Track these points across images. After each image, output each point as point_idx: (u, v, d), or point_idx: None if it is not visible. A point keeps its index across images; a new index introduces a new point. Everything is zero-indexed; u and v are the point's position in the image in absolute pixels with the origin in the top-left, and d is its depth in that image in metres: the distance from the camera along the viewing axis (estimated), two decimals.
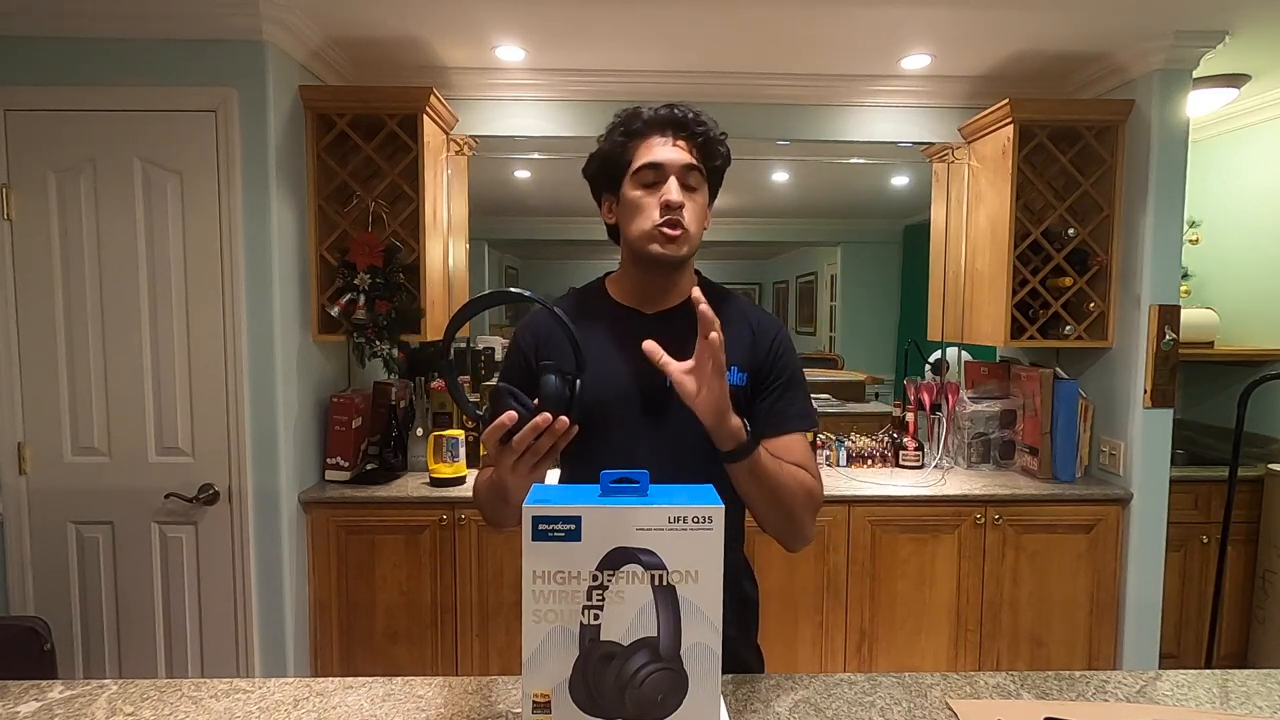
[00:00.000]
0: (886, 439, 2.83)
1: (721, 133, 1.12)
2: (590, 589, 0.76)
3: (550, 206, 4.78)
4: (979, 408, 2.75)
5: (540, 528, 0.75)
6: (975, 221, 2.73)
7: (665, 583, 0.76)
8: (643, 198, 1.08)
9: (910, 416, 2.80)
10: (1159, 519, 2.43)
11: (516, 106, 2.74)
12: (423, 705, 1.01)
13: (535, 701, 0.77)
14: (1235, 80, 2.65)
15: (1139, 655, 2.45)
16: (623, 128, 1.10)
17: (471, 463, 2.58)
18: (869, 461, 2.79)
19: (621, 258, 1.18)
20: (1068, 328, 2.51)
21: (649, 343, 0.93)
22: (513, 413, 0.87)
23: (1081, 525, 2.44)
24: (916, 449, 2.76)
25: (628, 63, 2.59)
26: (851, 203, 4.93)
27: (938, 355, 2.98)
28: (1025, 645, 2.46)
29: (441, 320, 2.58)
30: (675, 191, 1.06)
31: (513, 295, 0.95)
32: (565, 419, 0.88)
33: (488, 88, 2.71)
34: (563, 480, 1.16)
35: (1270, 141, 2.94)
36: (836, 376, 4.60)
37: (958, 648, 2.46)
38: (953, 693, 1.05)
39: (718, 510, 0.77)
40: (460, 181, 2.73)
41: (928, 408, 2.81)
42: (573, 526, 0.76)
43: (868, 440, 2.84)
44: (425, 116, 2.37)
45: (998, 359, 2.98)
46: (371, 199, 2.41)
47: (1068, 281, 2.50)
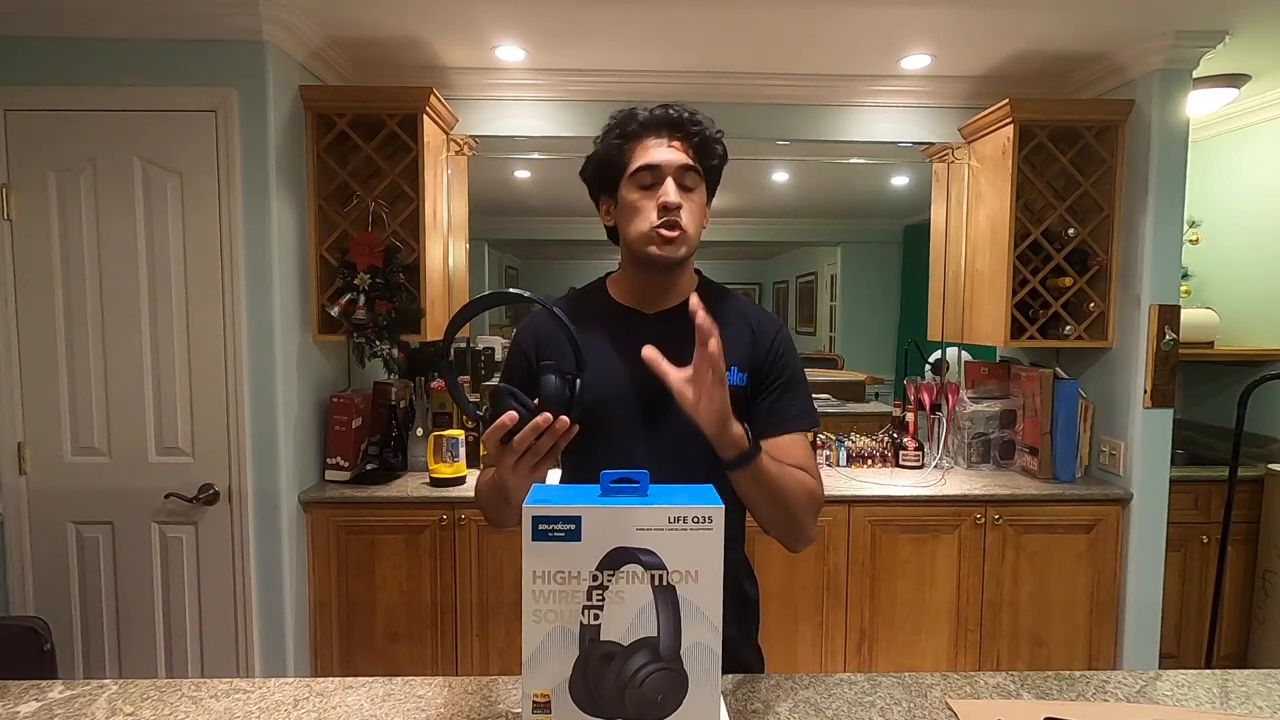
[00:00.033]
0: (886, 439, 2.83)
1: (718, 131, 1.12)
2: (590, 589, 0.76)
3: (550, 206, 4.78)
4: (979, 408, 2.75)
5: (540, 528, 0.75)
6: (975, 221, 2.73)
7: (665, 583, 0.76)
8: (640, 199, 1.08)
9: (910, 416, 2.80)
10: (1159, 519, 2.44)
11: (516, 106, 2.74)
12: (423, 705, 1.01)
13: (535, 701, 0.77)
14: (1235, 80, 2.65)
15: (1139, 655, 2.45)
16: (618, 130, 1.10)
17: (471, 463, 2.58)
18: (869, 461, 2.79)
19: (621, 258, 1.18)
20: (1068, 328, 2.51)
21: (648, 350, 0.93)
22: (513, 413, 0.87)
23: (1081, 525, 2.44)
24: (916, 449, 2.76)
25: (628, 63, 2.59)
26: (851, 203, 4.93)
27: (938, 355, 2.98)
28: (1025, 645, 2.46)
29: (441, 320, 2.58)
30: (672, 193, 1.06)
31: (512, 296, 0.95)
32: (566, 419, 0.89)
33: (488, 88, 2.71)
34: (563, 480, 1.17)
35: (1270, 141, 2.95)
36: (836, 376, 4.61)
37: (958, 648, 2.46)
38: (953, 693, 1.05)
39: (718, 510, 0.77)
40: (460, 181, 2.73)
41: (928, 408, 2.81)
42: (573, 526, 0.76)
43: (868, 440, 2.84)
44: (425, 116, 2.37)
45: (998, 359, 2.98)
46: (371, 199, 2.41)
47: (1068, 281, 2.49)
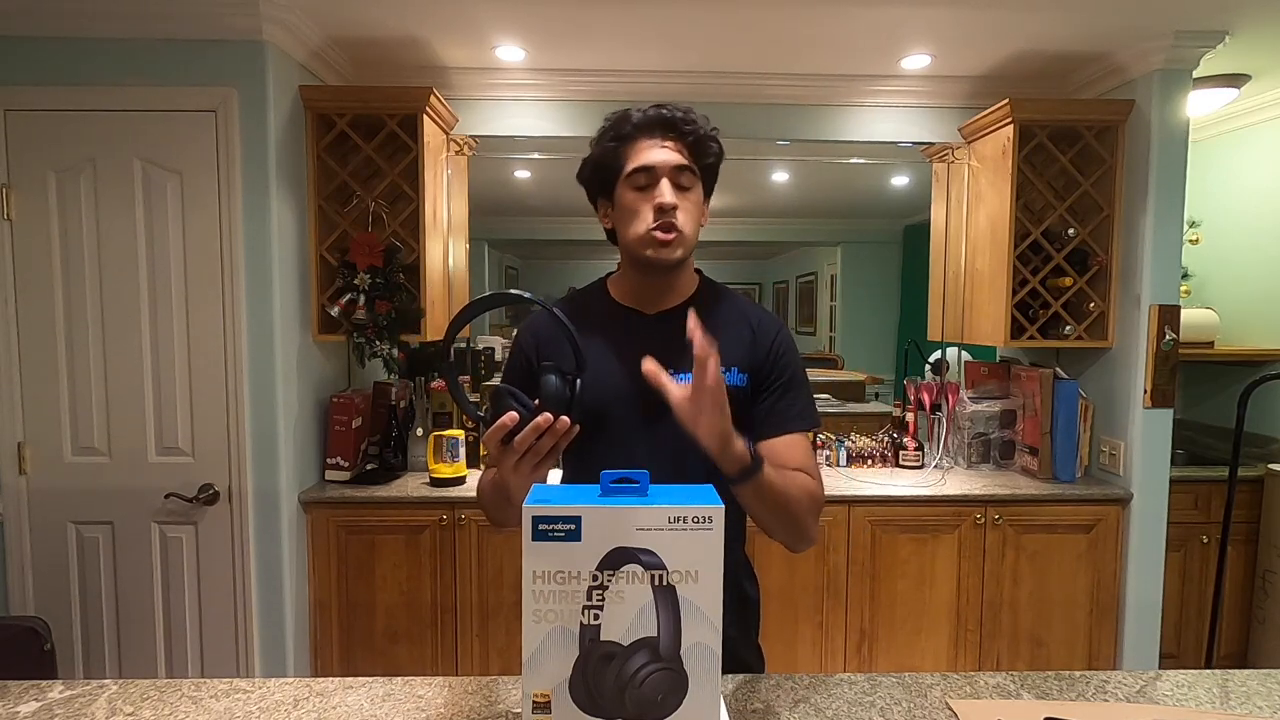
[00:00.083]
0: (886, 439, 2.83)
1: (713, 129, 1.12)
2: (590, 589, 0.76)
3: (550, 206, 4.78)
4: (979, 408, 2.75)
5: (540, 528, 0.75)
6: (975, 221, 2.73)
7: (665, 583, 0.76)
8: (636, 201, 1.08)
9: (910, 416, 2.80)
10: (1159, 519, 2.44)
11: (516, 106, 2.74)
12: (423, 705, 1.01)
13: (535, 701, 0.77)
14: (1235, 80, 2.65)
15: (1139, 655, 2.45)
16: (613, 132, 1.10)
17: (471, 463, 2.58)
18: (869, 461, 2.79)
19: (620, 260, 1.18)
20: (1068, 328, 2.51)
21: (648, 363, 0.91)
22: (514, 413, 0.88)
23: (1081, 525, 2.44)
24: (916, 449, 2.76)
25: (628, 63, 2.59)
26: (851, 203, 4.92)
27: (938, 355, 2.97)
28: (1025, 645, 2.46)
29: (441, 320, 2.57)
30: (668, 194, 1.06)
31: (512, 297, 0.95)
32: (566, 419, 0.89)
33: (488, 88, 2.71)
34: (564, 480, 1.17)
35: (1270, 141, 2.94)
36: (836, 376, 4.60)
37: (958, 648, 2.46)
38: (953, 693, 1.05)
39: (718, 510, 0.77)
40: (460, 181, 2.73)
41: (928, 408, 2.81)
42: (573, 526, 0.75)
43: (868, 440, 2.84)
44: (425, 116, 2.37)
45: (998, 359, 2.98)
46: (371, 199, 2.41)
47: (1068, 281, 2.49)
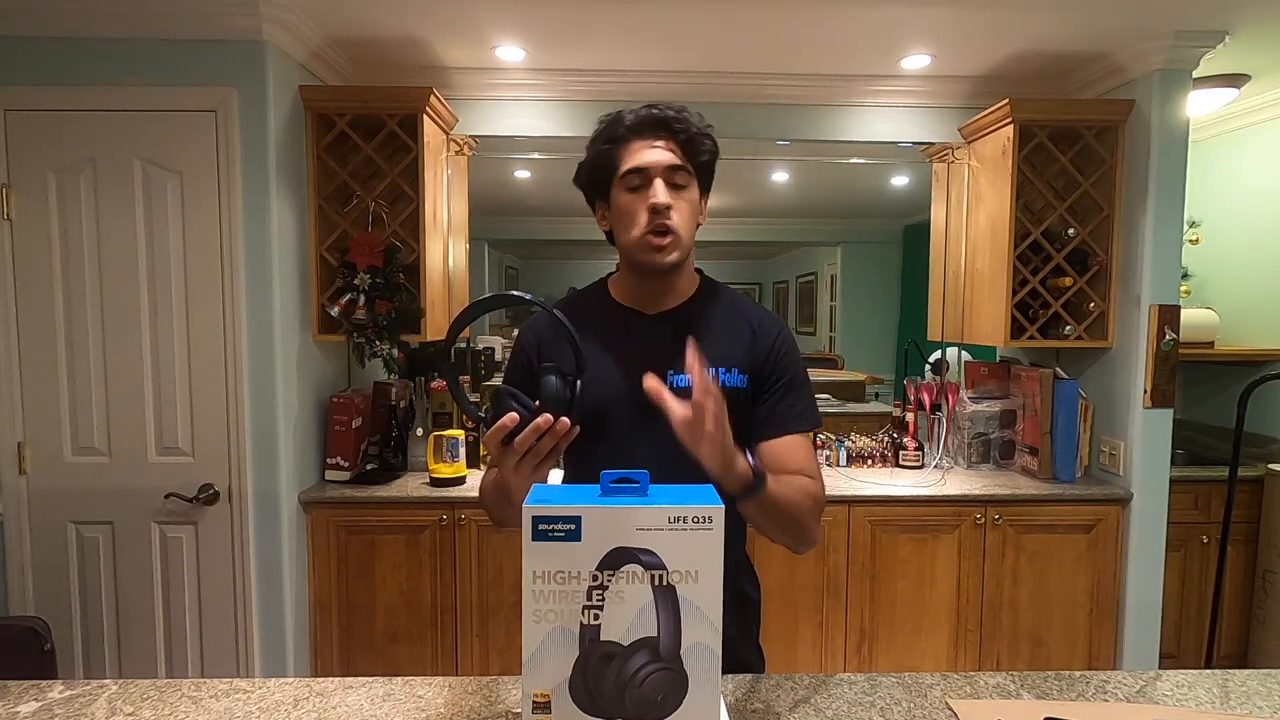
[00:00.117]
0: (886, 439, 2.83)
1: (707, 126, 1.12)
2: (590, 589, 0.76)
3: (550, 206, 4.77)
4: (979, 408, 2.75)
5: (540, 528, 0.75)
6: (975, 221, 2.73)
7: (665, 583, 0.76)
8: (631, 202, 1.08)
9: (910, 416, 2.80)
10: (1159, 519, 2.43)
11: (516, 106, 2.74)
12: (423, 705, 1.01)
13: (535, 701, 0.77)
14: (1235, 80, 2.65)
15: (1139, 655, 2.45)
16: (606, 134, 1.10)
17: (471, 463, 2.58)
18: (869, 461, 2.79)
19: (619, 261, 1.18)
20: (1068, 328, 2.51)
21: (650, 380, 0.90)
22: (514, 414, 0.88)
23: (1081, 525, 2.44)
24: (916, 449, 2.76)
25: (628, 63, 2.59)
26: (851, 203, 4.92)
27: (938, 355, 2.97)
28: (1025, 645, 2.46)
29: (441, 320, 2.58)
30: (661, 194, 1.06)
31: (514, 298, 0.95)
32: (566, 420, 0.89)
33: (488, 88, 2.71)
34: (566, 480, 1.17)
35: (1270, 141, 2.94)
36: (836, 376, 4.61)
37: (958, 648, 2.46)
38: (953, 693, 1.05)
39: (718, 510, 0.77)
40: (460, 181, 2.73)
41: (928, 408, 2.81)
42: (573, 526, 0.76)
43: (868, 440, 2.84)
44: (425, 116, 2.37)
45: (998, 359, 2.98)
46: (371, 199, 2.41)
47: (1068, 281, 2.49)
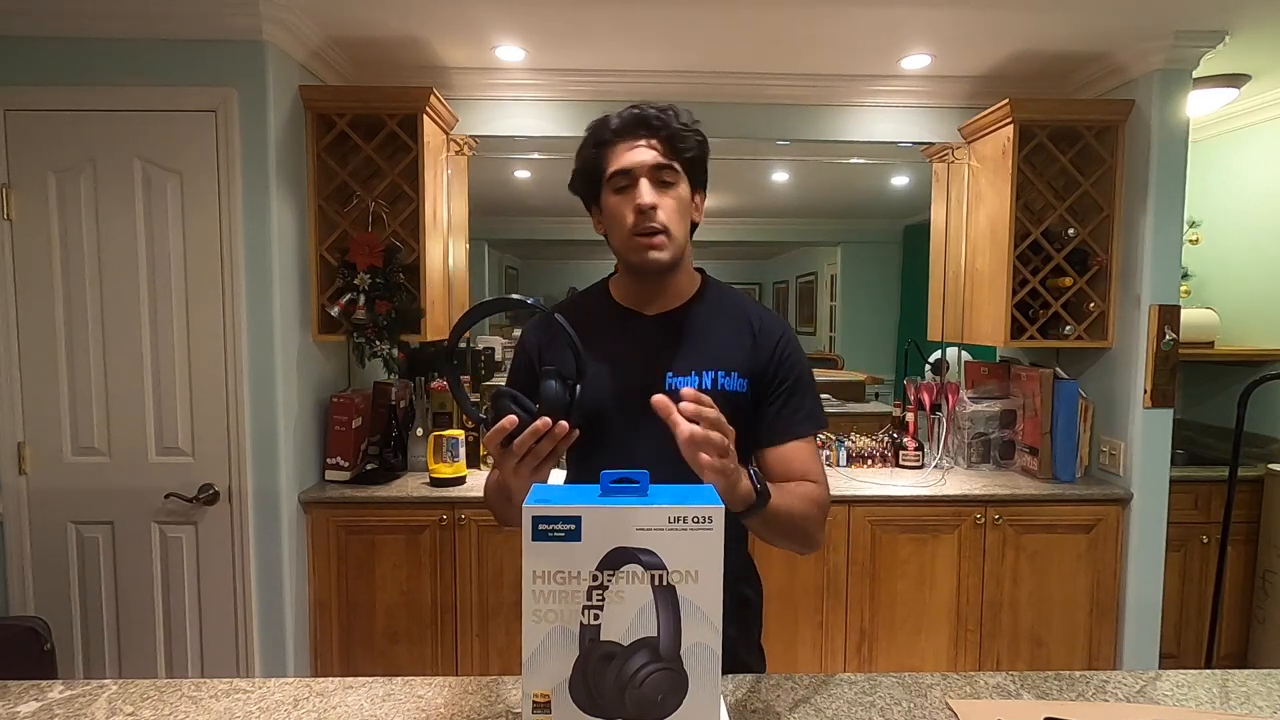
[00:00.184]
0: (886, 439, 2.83)
1: (695, 121, 1.11)
2: (590, 589, 0.76)
3: (550, 206, 4.78)
4: (979, 408, 2.75)
5: (540, 528, 0.75)
6: (975, 221, 2.73)
7: (665, 583, 0.76)
8: (619, 204, 1.08)
9: (910, 416, 2.80)
10: (1159, 519, 2.43)
11: (516, 106, 2.74)
12: (423, 705, 1.01)
13: (535, 701, 0.77)
14: (1235, 80, 2.65)
15: (1139, 655, 2.45)
16: (594, 139, 1.11)
17: (471, 463, 2.58)
18: (869, 461, 2.79)
19: (617, 262, 1.18)
20: (1068, 328, 2.51)
21: (658, 399, 0.89)
22: (513, 417, 0.88)
23: (1081, 525, 2.44)
24: (916, 449, 2.76)
25: (628, 63, 2.59)
26: (851, 203, 4.93)
27: (938, 355, 2.97)
28: (1025, 645, 2.46)
29: (441, 320, 2.58)
30: (646, 194, 1.05)
31: (515, 302, 0.95)
32: (565, 424, 0.90)
33: (488, 88, 2.70)
34: (567, 480, 1.17)
35: (1270, 141, 2.94)
36: (836, 376, 4.60)
37: (958, 648, 2.46)
38: (953, 693, 1.05)
39: (718, 510, 0.76)
40: (460, 181, 2.73)
41: (928, 408, 2.81)
42: (573, 526, 0.75)
43: (868, 440, 2.84)
44: (425, 116, 2.37)
45: (998, 359, 2.98)
46: (371, 199, 2.41)
47: (1068, 281, 2.49)
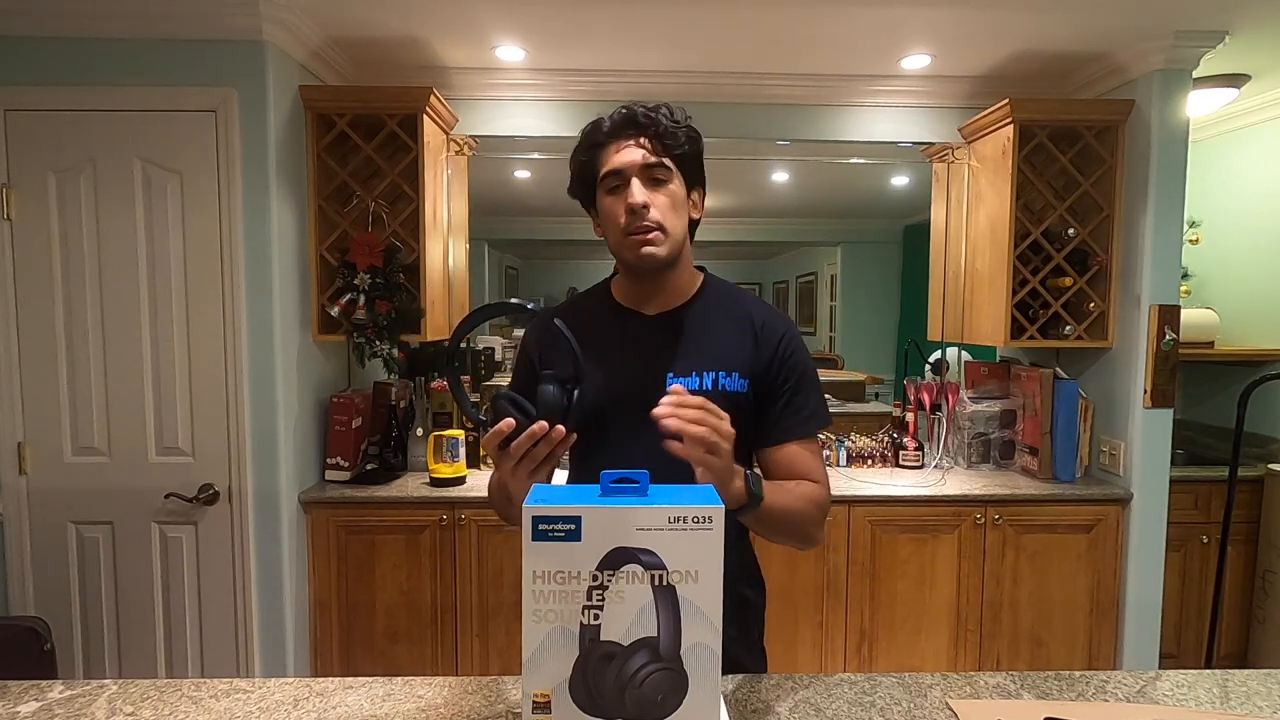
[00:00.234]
0: (886, 439, 2.83)
1: (687, 118, 1.10)
2: (590, 589, 0.76)
3: (550, 206, 4.78)
4: (979, 408, 2.75)
5: (540, 528, 0.75)
6: (975, 221, 2.73)
7: (665, 583, 0.76)
8: (612, 205, 1.08)
9: (910, 416, 2.80)
10: (1159, 519, 2.43)
11: (516, 106, 2.74)
12: (423, 705, 1.01)
13: (535, 701, 0.77)
14: (1235, 80, 2.65)
15: (1139, 655, 2.45)
16: (587, 141, 1.11)
17: (471, 463, 2.58)
18: (869, 461, 2.79)
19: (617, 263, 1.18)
20: (1068, 328, 2.51)
21: (656, 410, 0.91)
22: (511, 420, 0.90)
23: (1081, 525, 2.44)
24: (916, 449, 2.76)
25: (628, 63, 2.59)
26: (851, 203, 4.93)
27: (938, 355, 2.97)
28: (1025, 645, 2.46)
29: (441, 320, 2.58)
30: (637, 193, 1.05)
31: (514, 307, 0.97)
32: (562, 428, 0.91)
33: (488, 88, 2.70)
34: (569, 480, 1.17)
35: (1270, 141, 2.94)
36: (836, 376, 4.61)
37: (958, 648, 2.46)
38: (953, 693, 1.05)
39: (718, 510, 0.76)
40: (460, 181, 2.73)
41: (928, 408, 2.81)
42: (573, 526, 0.75)
43: (868, 440, 2.84)
44: (425, 116, 2.37)
45: (998, 359, 2.98)
46: (371, 199, 2.41)
47: (1068, 281, 2.49)
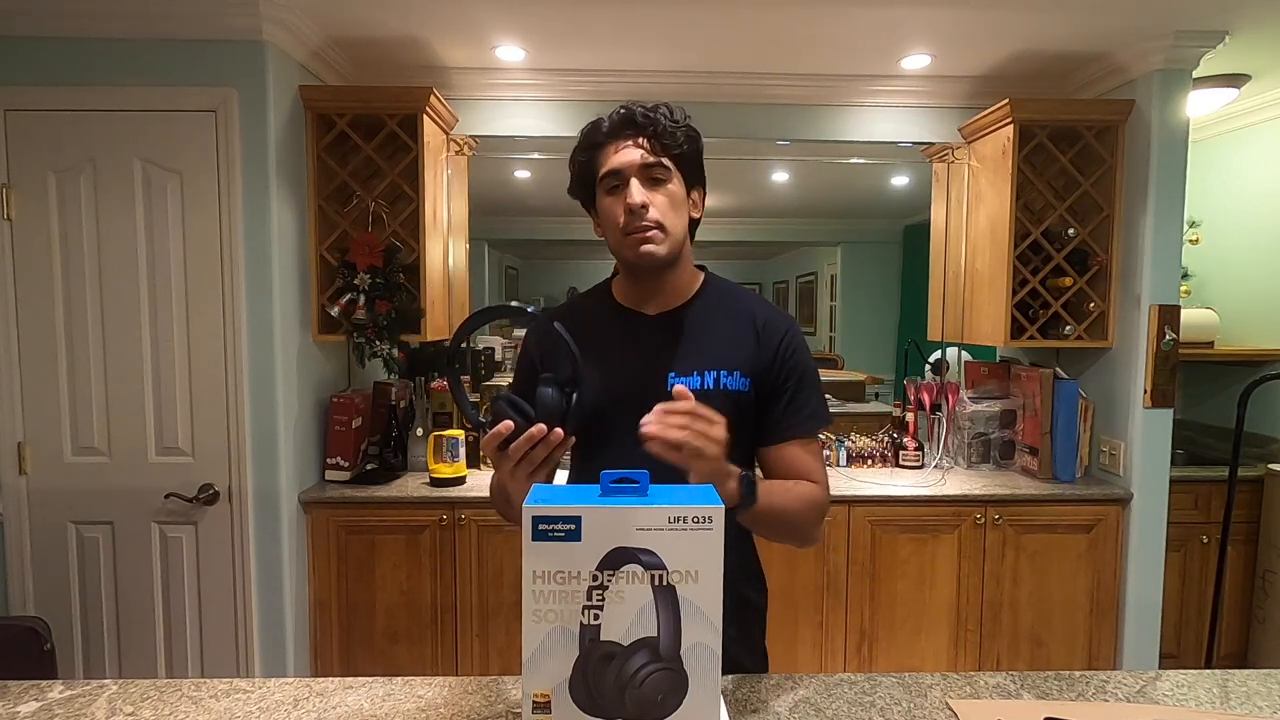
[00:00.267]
0: (886, 439, 2.83)
1: (686, 117, 1.10)
2: (590, 589, 0.76)
3: (550, 206, 4.78)
4: (979, 408, 2.75)
5: (540, 528, 0.75)
6: (975, 221, 2.73)
7: (665, 583, 0.76)
8: (612, 205, 1.08)
9: (910, 416, 2.80)
10: (1159, 519, 2.43)
11: (516, 106, 2.74)
12: (423, 705, 1.01)
13: (535, 701, 0.77)
14: (1235, 80, 2.65)
15: (1139, 655, 2.45)
16: (586, 142, 1.11)
17: (471, 463, 2.58)
18: (869, 461, 2.79)
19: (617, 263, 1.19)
20: (1068, 328, 2.51)
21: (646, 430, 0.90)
22: (509, 422, 0.90)
23: (1081, 525, 2.44)
24: (916, 449, 2.76)
25: (628, 63, 2.59)
26: (851, 203, 4.93)
27: (938, 355, 2.97)
28: (1025, 645, 2.46)
29: (441, 320, 2.58)
30: (636, 193, 1.05)
31: (515, 310, 0.98)
32: (560, 431, 0.91)
33: (488, 88, 2.70)
34: (571, 480, 1.17)
35: (1270, 141, 2.94)
36: (836, 376, 4.61)
37: (958, 648, 2.46)
38: (953, 693, 1.05)
39: (718, 510, 0.76)
40: (460, 181, 2.73)
41: (928, 408, 2.81)
42: (573, 526, 0.76)
43: (868, 440, 2.84)
44: (425, 116, 2.37)
45: (998, 359, 2.98)
46: (371, 199, 2.41)
47: (1068, 281, 2.49)
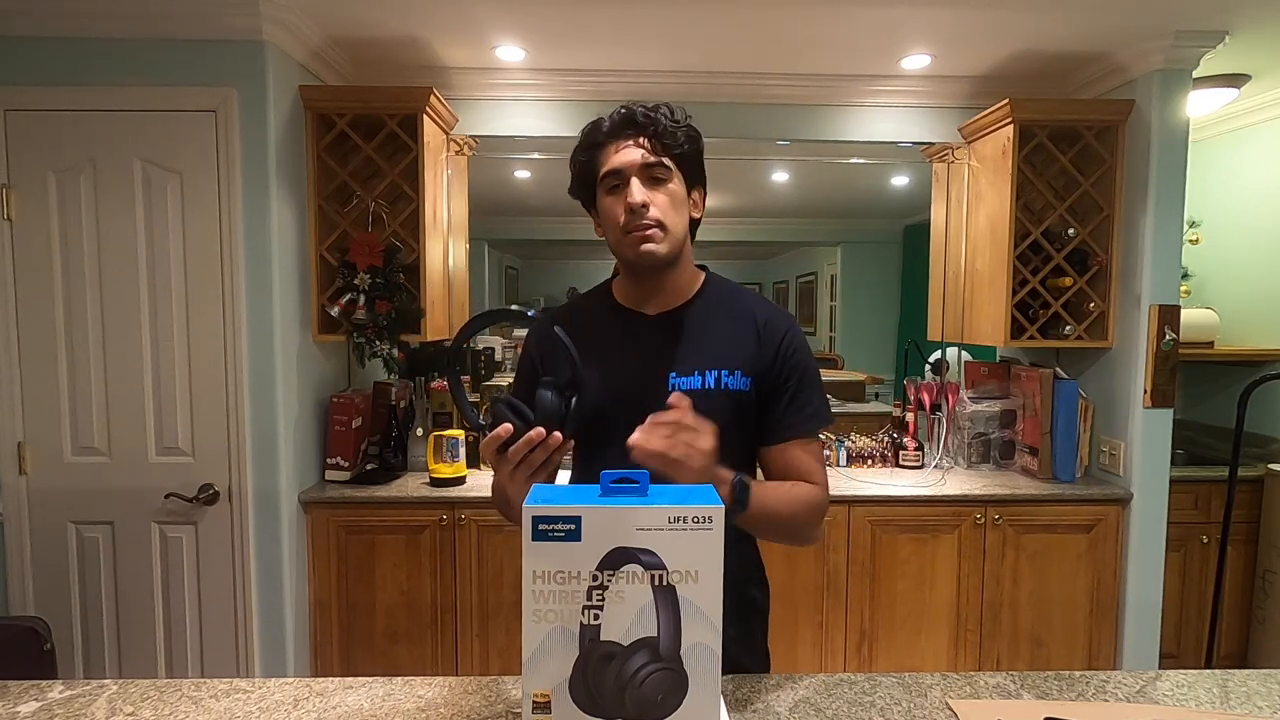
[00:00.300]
0: (886, 439, 2.83)
1: (687, 117, 1.11)
2: (590, 589, 0.76)
3: (550, 206, 4.78)
4: (979, 408, 2.75)
5: (540, 528, 0.75)
6: (975, 221, 2.73)
7: (665, 583, 0.76)
8: (612, 205, 1.09)
9: (910, 416, 2.80)
10: (1159, 519, 2.43)
11: (516, 106, 2.74)
12: (423, 705, 1.01)
13: (535, 701, 0.77)
14: (1235, 80, 2.65)
15: (1139, 655, 2.45)
16: (586, 142, 1.11)
17: (471, 463, 2.58)
18: (869, 461, 2.78)
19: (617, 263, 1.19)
20: (1068, 328, 2.51)
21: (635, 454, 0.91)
22: (508, 425, 0.91)
23: (1081, 525, 2.44)
24: (916, 449, 2.76)
25: (628, 63, 2.59)
26: (851, 203, 4.93)
27: (938, 355, 2.97)
28: (1025, 645, 2.46)
29: (441, 320, 2.58)
30: (637, 193, 1.05)
31: (515, 314, 1.00)
32: (558, 435, 0.91)
33: (488, 88, 2.70)
34: (572, 480, 1.17)
35: (1270, 141, 2.94)
36: (836, 376, 4.60)
37: (958, 648, 2.46)
38: (953, 693, 1.05)
39: (718, 510, 0.77)
40: (460, 181, 2.73)
41: (928, 408, 2.81)
42: (573, 526, 0.76)
43: (868, 440, 2.84)
44: (425, 116, 2.37)
45: (998, 359, 2.98)
46: (371, 199, 2.41)
47: (1068, 281, 2.49)
